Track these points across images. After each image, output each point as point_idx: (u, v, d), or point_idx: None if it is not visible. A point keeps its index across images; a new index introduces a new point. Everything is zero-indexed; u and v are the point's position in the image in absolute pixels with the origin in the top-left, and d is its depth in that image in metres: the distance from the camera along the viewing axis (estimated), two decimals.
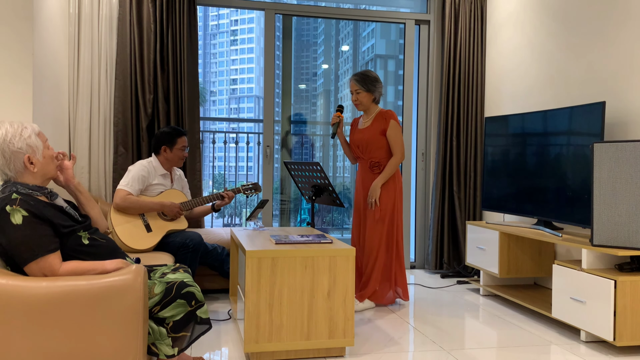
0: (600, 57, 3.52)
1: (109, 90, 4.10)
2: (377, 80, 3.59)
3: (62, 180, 2.15)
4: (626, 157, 2.79)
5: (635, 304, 2.74)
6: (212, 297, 3.83)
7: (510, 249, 3.78)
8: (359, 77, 3.58)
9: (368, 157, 3.60)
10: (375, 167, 3.58)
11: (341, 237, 5.75)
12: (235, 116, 40.69)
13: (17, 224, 1.81)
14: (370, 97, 3.59)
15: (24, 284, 1.75)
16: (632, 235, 2.78)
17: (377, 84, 3.59)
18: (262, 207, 3.55)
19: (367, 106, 3.62)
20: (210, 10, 40.17)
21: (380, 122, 3.56)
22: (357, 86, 3.57)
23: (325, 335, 2.64)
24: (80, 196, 2.18)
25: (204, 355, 2.68)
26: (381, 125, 3.55)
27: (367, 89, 3.56)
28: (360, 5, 4.95)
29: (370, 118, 3.62)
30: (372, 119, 3.62)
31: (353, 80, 3.60)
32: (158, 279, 2.07)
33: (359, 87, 3.57)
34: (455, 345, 2.89)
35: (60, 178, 2.15)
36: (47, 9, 3.45)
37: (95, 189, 4.07)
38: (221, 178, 5.47)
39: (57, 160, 2.11)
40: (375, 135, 3.56)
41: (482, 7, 4.78)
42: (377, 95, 3.61)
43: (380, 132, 3.55)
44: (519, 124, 3.90)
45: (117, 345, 1.81)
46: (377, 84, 3.59)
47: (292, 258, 2.60)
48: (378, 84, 3.59)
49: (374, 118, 3.61)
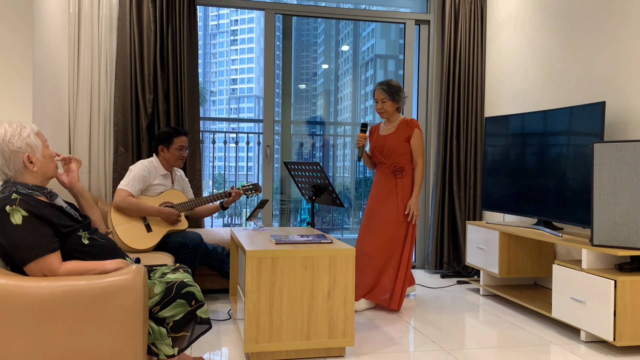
0: (600, 57, 3.52)
1: (109, 90, 4.10)
2: (401, 90, 3.70)
3: (67, 183, 2.15)
4: (626, 157, 2.79)
5: (635, 304, 2.74)
6: (212, 297, 3.83)
7: (510, 249, 3.78)
8: (385, 87, 3.65)
9: (391, 163, 3.69)
10: (398, 172, 3.67)
11: (341, 237, 5.75)
12: (235, 116, 40.68)
13: (17, 224, 1.81)
14: (394, 106, 3.69)
15: (24, 284, 1.75)
16: (632, 235, 2.78)
17: (402, 93, 3.70)
18: (262, 207, 3.56)
19: (391, 114, 3.71)
20: (210, 10, 40.16)
21: (405, 130, 3.66)
22: (383, 95, 3.66)
23: (325, 335, 2.64)
24: (82, 200, 2.18)
25: (204, 355, 2.68)
26: (406, 133, 3.65)
27: (392, 98, 3.65)
28: (360, 5, 4.95)
29: (394, 125, 3.71)
30: (395, 126, 3.70)
31: (379, 89, 3.68)
32: (158, 279, 2.07)
33: (385, 96, 3.66)
34: (455, 345, 2.89)
35: (65, 180, 2.15)
36: (47, 8, 3.45)
37: (95, 189, 4.07)
38: (221, 178, 5.48)
39: (65, 163, 2.11)
40: (400, 142, 3.66)
41: (482, 7, 4.78)
42: (401, 104, 3.72)
43: (405, 139, 3.65)
44: (519, 124, 3.90)
45: (117, 345, 1.81)
46: (401, 94, 3.69)
47: (292, 258, 2.60)
48: (402, 93, 3.70)
49: (397, 125, 3.70)
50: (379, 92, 3.67)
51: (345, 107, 7.11)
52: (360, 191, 5.94)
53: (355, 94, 7.08)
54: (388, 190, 3.69)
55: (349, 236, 5.91)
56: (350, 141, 5.70)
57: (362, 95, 7.18)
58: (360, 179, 5.89)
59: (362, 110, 7.16)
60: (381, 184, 3.74)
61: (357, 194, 5.95)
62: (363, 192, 5.93)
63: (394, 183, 3.68)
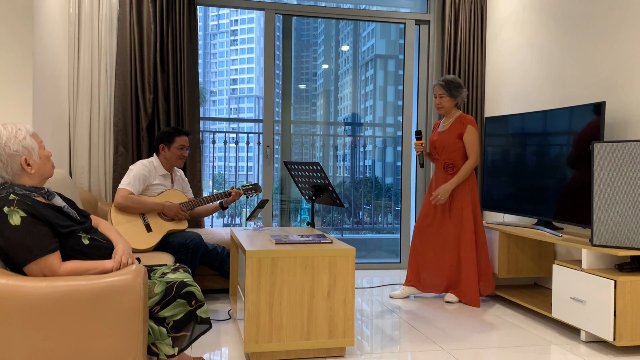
0: (600, 57, 3.52)
1: (109, 90, 4.10)
2: (461, 87, 3.77)
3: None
4: (626, 157, 2.79)
5: (635, 304, 2.74)
6: (212, 297, 3.83)
7: (510, 249, 3.78)
8: (444, 83, 3.74)
9: (443, 158, 3.77)
10: (449, 167, 3.74)
11: (341, 237, 5.75)
12: (235, 116, 40.68)
13: (16, 225, 1.81)
14: (452, 102, 3.75)
15: (24, 284, 1.75)
16: (632, 235, 2.78)
17: (462, 89, 3.77)
18: (262, 207, 3.56)
19: (449, 110, 3.78)
20: (210, 10, 40.14)
21: (458, 126, 3.72)
22: (442, 91, 3.74)
23: (325, 335, 2.64)
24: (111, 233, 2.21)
25: (204, 355, 2.68)
26: (459, 129, 3.70)
27: (450, 94, 3.73)
28: (360, 5, 4.95)
29: (450, 121, 3.78)
30: (451, 122, 3.77)
31: (438, 85, 3.77)
32: (158, 278, 2.07)
33: (443, 91, 3.75)
34: (455, 345, 2.89)
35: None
36: (47, 9, 3.45)
37: (95, 189, 4.07)
38: (221, 178, 5.48)
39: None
40: (452, 138, 3.72)
41: (482, 7, 4.78)
42: (459, 100, 3.78)
43: (457, 135, 3.71)
44: (519, 124, 3.90)
45: (117, 345, 1.81)
46: (461, 90, 3.75)
47: (292, 258, 2.60)
48: (462, 89, 3.77)
49: (453, 122, 3.75)
50: (437, 87, 3.77)
51: (345, 107, 7.10)
52: (360, 191, 5.94)
53: (355, 94, 7.08)
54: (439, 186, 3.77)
55: (349, 236, 5.91)
56: (350, 141, 5.70)
57: (362, 95, 7.17)
58: (360, 179, 5.89)
59: (362, 110, 7.16)
60: (436, 181, 3.84)
61: (357, 194, 5.95)
62: (363, 192, 5.93)
63: (444, 180, 3.76)
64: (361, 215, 6.05)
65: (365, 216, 6.04)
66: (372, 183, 5.92)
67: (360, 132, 5.78)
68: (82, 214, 2.13)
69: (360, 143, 5.65)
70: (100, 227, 2.22)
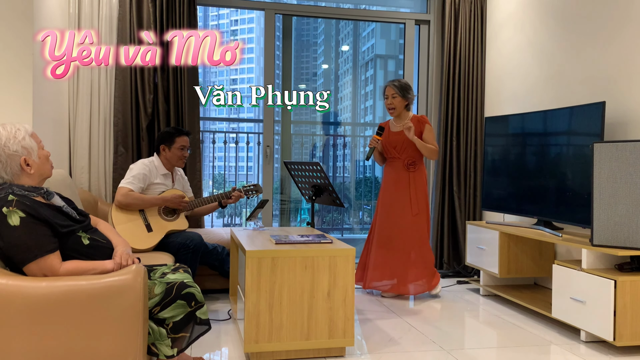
0: (600, 57, 3.52)
1: (109, 90, 4.10)
2: (411, 89, 3.93)
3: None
4: (626, 157, 2.79)
5: (635, 304, 2.74)
6: (212, 297, 3.83)
7: (510, 249, 3.78)
8: (397, 84, 3.88)
9: (405, 157, 3.89)
10: (411, 165, 3.88)
11: (341, 237, 5.75)
12: (235, 116, 40.68)
13: (15, 226, 1.81)
14: (403, 103, 3.90)
15: (24, 284, 1.75)
16: (632, 235, 2.78)
17: (411, 91, 3.93)
18: (262, 207, 3.56)
19: (400, 111, 3.92)
20: (210, 10, 40.09)
21: (417, 125, 3.85)
22: (394, 91, 3.87)
23: (325, 335, 2.64)
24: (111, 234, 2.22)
25: (204, 355, 2.68)
26: (418, 128, 3.85)
27: (402, 95, 3.87)
28: (360, 5, 4.95)
29: (404, 122, 3.87)
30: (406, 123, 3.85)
31: (391, 85, 3.89)
32: (158, 279, 2.07)
33: (395, 91, 3.87)
34: (455, 345, 2.89)
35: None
36: (47, 9, 3.45)
37: (95, 188, 4.06)
38: (221, 178, 5.47)
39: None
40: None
41: (482, 7, 4.78)
42: (410, 102, 3.93)
43: (417, 134, 3.84)
44: (519, 124, 3.90)
45: (117, 345, 1.81)
46: (411, 92, 3.92)
47: (292, 258, 2.60)
48: (412, 92, 3.93)
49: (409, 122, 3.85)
50: (390, 87, 3.89)
51: (345, 107, 7.10)
52: (360, 191, 5.94)
53: (355, 94, 7.08)
54: (402, 185, 3.89)
55: (349, 236, 5.91)
56: (350, 141, 5.70)
57: (362, 95, 7.17)
58: (360, 179, 5.89)
59: (362, 110, 7.16)
60: (394, 179, 3.93)
61: (357, 194, 5.95)
62: (363, 192, 5.93)
63: (406, 177, 3.88)
64: (361, 215, 6.05)
65: (365, 216, 6.04)
66: (372, 183, 5.92)
67: (361, 132, 5.78)
68: (81, 214, 2.12)
69: (360, 143, 5.64)
70: (99, 228, 2.22)
